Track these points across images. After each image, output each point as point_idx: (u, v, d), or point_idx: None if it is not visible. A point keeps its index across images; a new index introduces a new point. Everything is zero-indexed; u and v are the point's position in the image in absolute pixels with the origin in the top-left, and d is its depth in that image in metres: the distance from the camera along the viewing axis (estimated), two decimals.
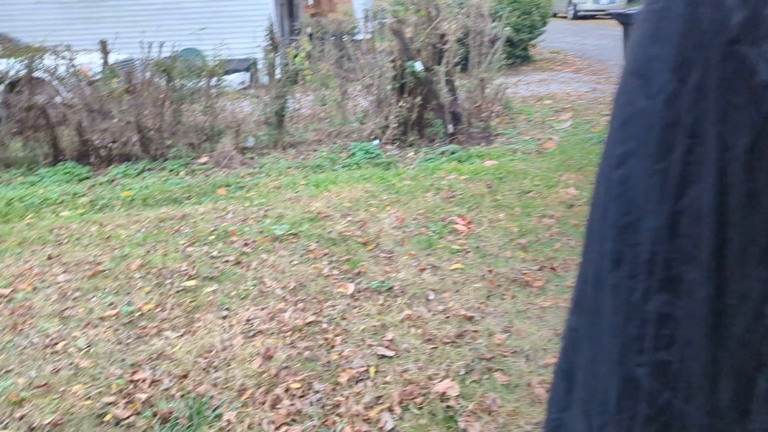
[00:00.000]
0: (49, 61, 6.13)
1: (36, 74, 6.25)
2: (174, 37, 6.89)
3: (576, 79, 9.67)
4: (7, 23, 10.61)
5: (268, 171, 5.62)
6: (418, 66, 5.88)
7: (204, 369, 2.56)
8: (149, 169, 5.85)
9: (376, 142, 6.07)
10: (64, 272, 3.57)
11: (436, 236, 3.74)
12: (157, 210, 4.71)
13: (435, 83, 6.03)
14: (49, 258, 3.80)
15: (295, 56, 6.55)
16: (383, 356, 2.58)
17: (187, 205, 4.80)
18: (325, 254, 3.60)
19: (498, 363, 2.48)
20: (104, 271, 3.53)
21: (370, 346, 2.66)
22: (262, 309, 3.02)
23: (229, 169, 5.79)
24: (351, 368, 2.50)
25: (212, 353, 2.66)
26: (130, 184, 5.46)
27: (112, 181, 5.61)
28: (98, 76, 6.66)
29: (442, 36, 6.02)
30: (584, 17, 22.10)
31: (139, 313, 3.03)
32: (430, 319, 2.84)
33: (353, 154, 5.87)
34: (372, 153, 5.82)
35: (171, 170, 5.81)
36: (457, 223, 3.89)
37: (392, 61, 6.04)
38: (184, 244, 3.88)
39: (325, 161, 5.77)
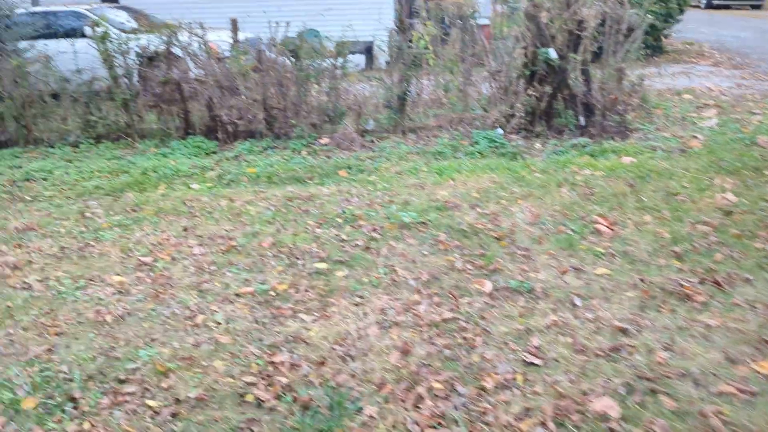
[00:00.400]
0: (184, 37, 6.34)
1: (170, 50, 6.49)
2: (294, 17, 6.96)
3: (716, 73, 8.88)
4: (142, 0, 11.17)
5: (388, 155, 5.53)
6: (552, 53, 5.55)
7: (341, 357, 2.49)
8: (272, 147, 5.93)
9: (500, 131, 5.82)
10: (199, 245, 3.64)
11: (576, 236, 3.48)
12: (282, 188, 4.74)
13: (568, 72, 5.68)
14: (185, 230, 3.91)
15: (419, 39, 6.40)
16: (530, 364, 2.39)
17: (311, 186, 4.81)
18: (457, 246, 3.45)
19: (663, 385, 2.23)
20: (237, 246, 3.57)
21: (514, 350, 2.48)
22: (396, 299, 2.91)
23: (350, 151, 5.76)
24: (496, 373, 2.34)
25: (348, 341, 2.59)
26: (255, 161, 5.55)
27: (238, 156, 5.74)
28: (226, 53, 6.83)
29: (580, 22, 5.65)
30: (718, 7, 20.44)
31: (274, 292, 3.02)
32: (578, 327, 2.62)
33: (476, 142, 5.66)
34: (496, 142, 5.59)
35: (293, 149, 5.87)
36: (598, 224, 3.60)
37: (524, 47, 5.75)
38: (312, 225, 3.86)
39: (446, 148, 5.60)
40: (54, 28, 8.56)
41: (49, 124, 6.38)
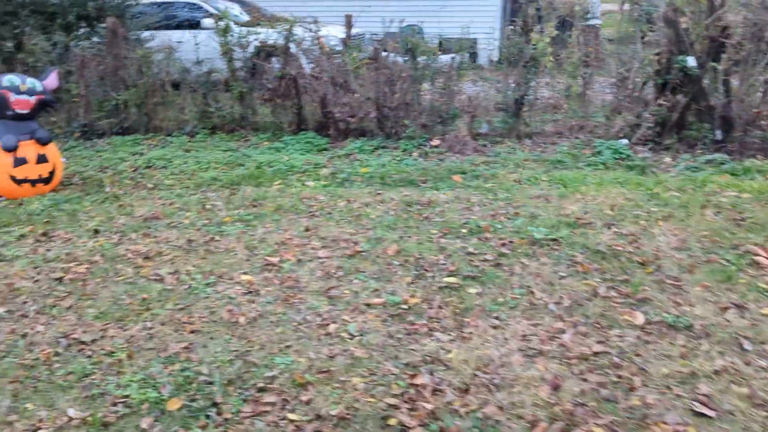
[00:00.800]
0: (299, 32, 6.36)
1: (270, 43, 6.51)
2: (398, 13, 6.85)
3: None
4: None
5: (504, 161, 5.31)
6: (691, 61, 5.14)
7: (485, 386, 2.34)
8: (383, 147, 5.85)
9: (625, 141, 5.47)
10: (323, 247, 3.58)
11: (733, 267, 3.16)
12: (397, 191, 4.64)
13: (706, 82, 5.25)
14: (306, 230, 3.87)
15: (538, 41, 6.12)
16: (701, 415, 2.15)
17: (426, 190, 4.67)
18: (596, 270, 3.21)
19: None
20: (362, 252, 3.48)
21: (679, 396, 2.24)
22: (537, 325, 2.72)
23: (462, 155, 5.58)
24: (664, 422, 2.11)
25: (491, 368, 2.43)
26: (367, 160, 5.48)
27: (349, 155, 5.69)
28: (336, 49, 6.80)
29: (724, 29, 5.20)
30: None
31: (406, 305, 2.90)
32: (753, 376, 2.34)
33: (599, 152, 5.34)
34: (621, 153, 5.25)
35: (404, 150, 5.76)
36: (758, 255, 3.26)
37: (657, 53, 5.37)
38: (436, 234, 3.72)
39: (566, 157, 5.33)
40: (171, 18, 8.87)
41: (168, 113, 6.58)
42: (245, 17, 8.77)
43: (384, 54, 6.09)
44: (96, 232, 3.95)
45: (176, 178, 5.16)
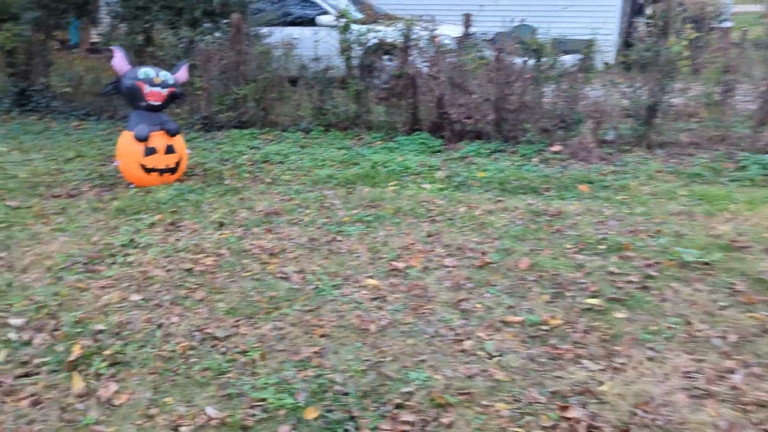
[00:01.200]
0: (418, 30, 6.23)
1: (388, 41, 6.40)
2: (517, 13, 6.56)
3: None
4: None
5: (634, 171, 4.94)
6: None
7: (647, 426, 2.09)
8: (500, 151, 5.62)
9: None
10: (448, 255, 3.43)
11: None
12: (518, 198, 4.42)
13: None
14: (429, 235, 3.73)
15: (675, 44, 5.66)
16: None
17: (550, 199, 4.41)
18: (763, 301, 2.85)
19: None
20: (492, 263, 3.30)
21: None
22: (700, 361, 2.43)
23: (587, 163, 5.25)
24: None
25: (651, 406, 2.18)
26: (484, 164, 5.28)
27: (464, 157, 5.51)
28: (450, 48, 6.62)
29: None
30: None
31: (546, 327, 2.69)
32: None
33: (744, 167, 4.86)
34: None
35: (523, 155, 5.50)
36: None
37: None
38: (570, 248, 3.47)
39: (705, 170, 4.88)
40: (286, 15, 9.02)
41: (284, 109, 6.65)
42: (359, 15, 8.77)
43: (509, 54, 5.85)
44: (221, 224, 4.00)
45: (293, 174, 5.17)
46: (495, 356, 2.50)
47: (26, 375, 2.38)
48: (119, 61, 4.70)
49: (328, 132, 6.37)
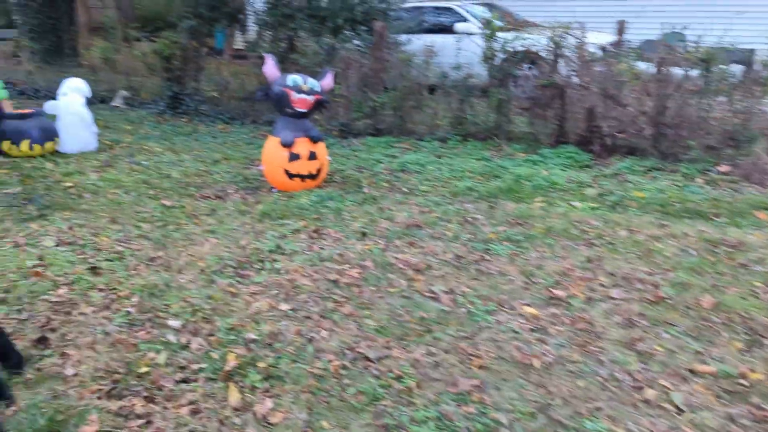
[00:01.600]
0: (570, 38, 5.87)
1: (534, 50, 6.08)
2: (658, 19, 5.98)
3: None
4: None
5: None
6: None
7: None
8: (658, 169, 5.14)
9: None
10: (614, 286, 3.09)
11: None
12: (684, 223, 3.96)
13: None
14: (588, 261, 3.41)
15: None
16: None
17: (722, 226, 3.91)
18: None
19: None
20: (667, 299, 2.92)
21: None
22: None
23: (762, 187, 4.65)
24: None
25: None
26: (640, 183, 4.83)
27: (617, 174, 5.08)
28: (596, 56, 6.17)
29: None
30: None
31: (745, 382, 2.30)
32: None
33: None
34: None
35: (684, 174, 4.98)
36: None
37: None
38: (760, 287, 3.01)
39: None
40: (425, 22, 8.95)
41: (422, 117, 6.54)
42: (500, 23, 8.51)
43: (673, 66, 5.35)
44: (363, 234, 3.91)
45: (430, 185, 5.02)
46: (685, 412, 2.16)
47: (185, 381, 2.38)
48: (270, 67, 4.79)
49: (466, 142, 6.17)
